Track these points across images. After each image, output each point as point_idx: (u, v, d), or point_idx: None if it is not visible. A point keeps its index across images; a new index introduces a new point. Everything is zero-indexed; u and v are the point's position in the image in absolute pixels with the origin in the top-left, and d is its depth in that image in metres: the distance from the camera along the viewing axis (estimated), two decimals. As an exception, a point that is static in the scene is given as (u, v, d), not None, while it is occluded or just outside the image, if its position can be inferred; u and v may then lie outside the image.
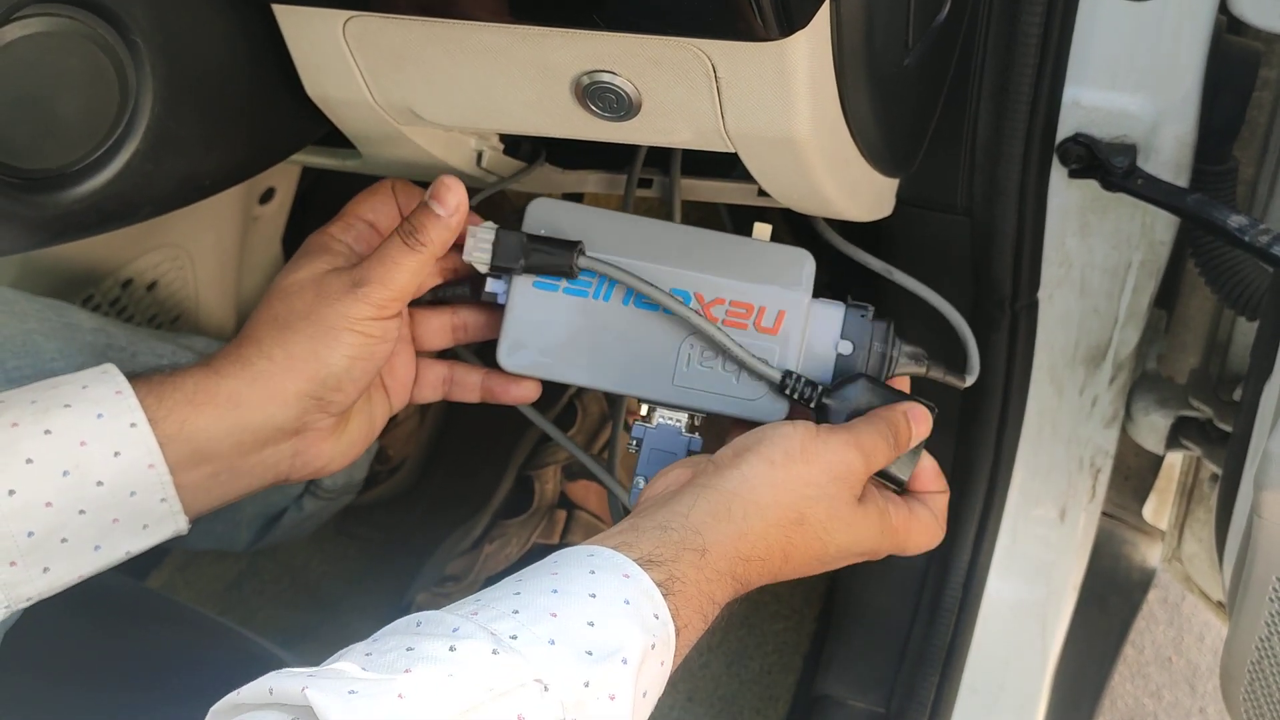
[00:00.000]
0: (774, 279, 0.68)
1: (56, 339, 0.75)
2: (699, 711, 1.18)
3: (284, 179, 1.11)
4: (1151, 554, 1.27)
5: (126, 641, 0.78)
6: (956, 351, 0.77)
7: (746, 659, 1.21)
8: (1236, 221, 0.71)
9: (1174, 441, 1.00)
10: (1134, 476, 1.19)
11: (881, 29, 0.59)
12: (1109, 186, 0.78)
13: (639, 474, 0.69)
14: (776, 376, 0.67)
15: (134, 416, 0.58)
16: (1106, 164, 0.77)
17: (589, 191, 0.82)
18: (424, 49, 0.58)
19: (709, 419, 0.70)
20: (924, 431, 0.67)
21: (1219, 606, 1.12)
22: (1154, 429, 0.99)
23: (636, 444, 0.69)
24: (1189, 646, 1.39)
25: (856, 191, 0.70)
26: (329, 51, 0.59)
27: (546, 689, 0.45)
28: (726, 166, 0.76)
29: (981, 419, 0.99)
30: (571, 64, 0.56)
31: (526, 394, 0.72)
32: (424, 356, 0.73)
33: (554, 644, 0.47)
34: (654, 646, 0.51)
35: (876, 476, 0.67)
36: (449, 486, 1.29)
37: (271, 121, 0.65)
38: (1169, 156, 0.78)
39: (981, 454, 1.01)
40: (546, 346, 0.68)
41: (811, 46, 0.54)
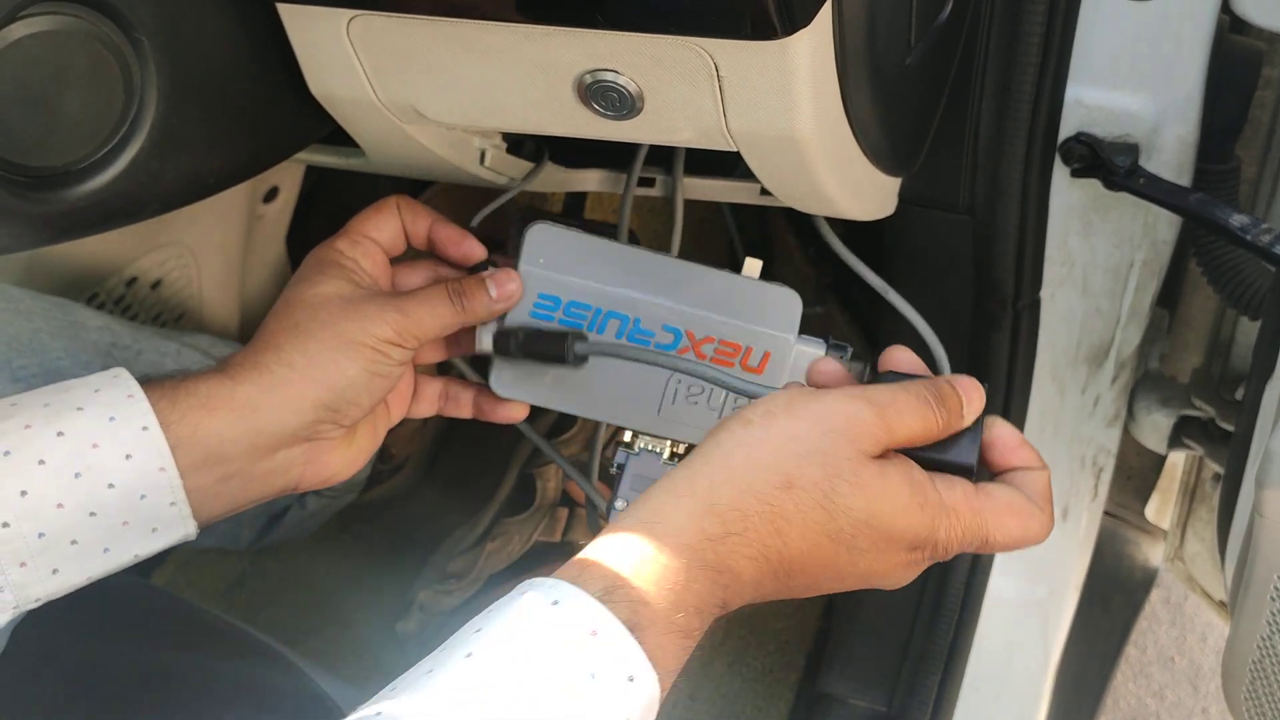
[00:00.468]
0: (763, 320, 0.71)
1: (62, 337, 0.75)
2: (701, 710, 1.18)
3: (288, 178, 1.11)
4: (1154, 553, 1.27)
5: (132, 639, 0.78)
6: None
7: (749, 657, 1.21)
8: (1239, 221, 0.71)
9: (1176, 441, 1.00)
10: (1136, 476, 1.19)
11: (884, 28, 0.59)
12: (1111, 186, 0.78)
13: (620, 496, 0.71)
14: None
15: (146, 420, 0.58)
16: (1109, 163, 0.77)
17: (592, 190, 0.82)
18: (428, 48, 0.58)
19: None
20: (977, 403, 0.55)
21: (1221, 606, 1.11)
22: (1156, 428, 0.99)
23: (619, 468, 0.72)
24: (1191, 646, 1.39)
25: (858, 190, 0.70)
26: (333, 50, 0.60)
27: None
28: (729, 165, 0.77)
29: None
30: (574, 63, 0.57)
31: (515, 414, 0.74)
32: (422, 372, 0.74)
33: None
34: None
35: (934, 462, 0.54)
36: (451, 485, 1.29)
37: (276, 120, 0.65)
38: (1171, 156, 0.78)
39: (984, 453, 1.01)
40: (541, 376, 0.71)
41: (814, 45, 0.54)
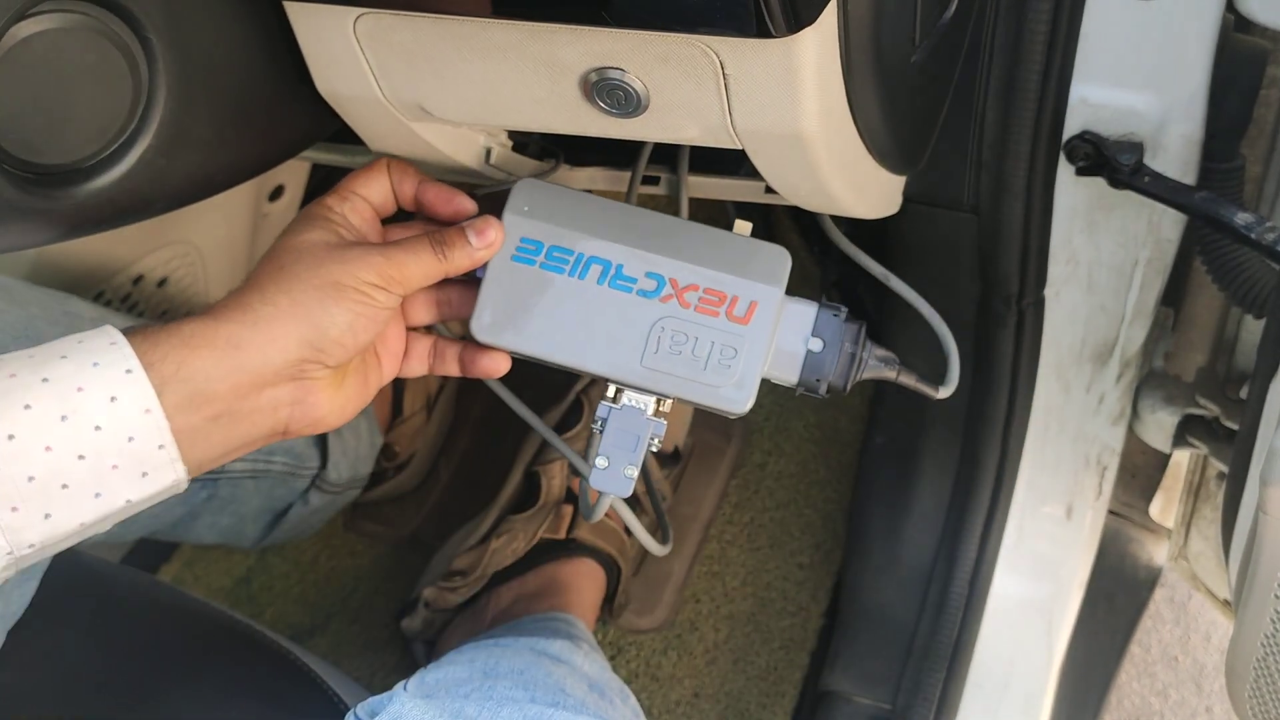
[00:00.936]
0: (750, 272, 0.69)
1: (58, 325, 0.75)
2: (705, 708, 1.18)
3: (293, 176, 1.11)
4: (1158, 552, 1.27)
5: (138, 635, 0.78)
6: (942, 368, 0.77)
7: (753, 655, 1.21)
8: (1243, 219, 0.71)
9: (1180, 439, 1.00)
10: (1140, 474, 1.19)
11: (889, 26, 0.59)
12: (1116, 184, 0.78)
13: (601, 454, 0.70)
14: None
15: (130, 364, 0.58)
16: (1113, 162, 0.77)
17: (596, 189, 0.83)
18: (434, 46, 0.59)
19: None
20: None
21: (1225, 605, 1.12)
22: (1161, 427, 0.99)
23: (601, 424, 0.70)
24: (1195, 645, 1.39)
25: (863, 189, 0.70)
26: (340, 48, 0.60)
27: None
28: (734, 163, 0.77)
29: (988, 416, 0.99)
30: (580, 61, 0.57)
31: (497, 365, 0.73)
32: (412, 331, 0.75)
33: None
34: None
35: None
36: (456, 483, 1.30)
37: (283, 118, 0.65)
38: (1176, 154, 0.78)
39: (988, 451, 1.01)
40: (519, 320, 0.69)
41: (819, 44, 0.54)
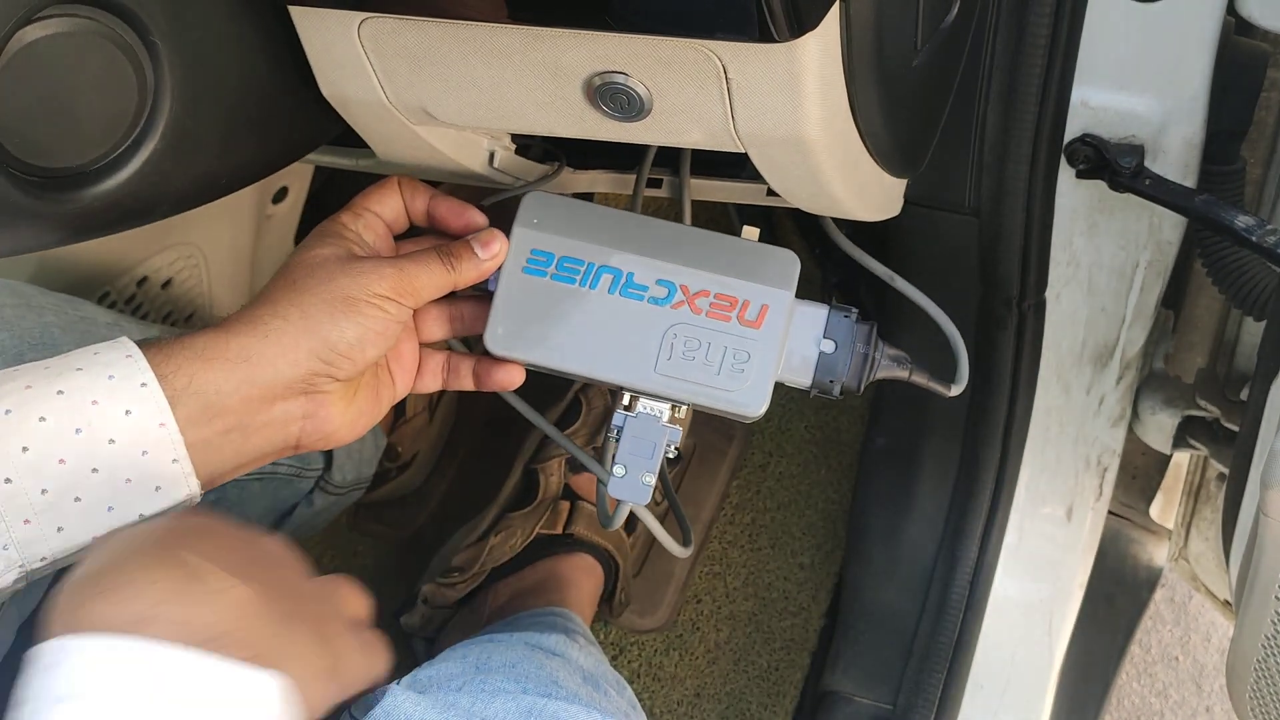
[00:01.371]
0: (760, 276, 0.69)
1: (73, 332, 0.75)
2: (706, 708, 1.19)
3: (297, 178, 1.12)
4: (1158, 553, 1.27)
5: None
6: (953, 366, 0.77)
7: (754, 656, 1.21)
8: (1244, 222, 0.72)
9: (1181, 441, 1.00)
10: (1141, 475, 1.19)
11: (891, 30, 0.59)
12: (1116, 187, 0.78)
13: (618, 462, 0.70)
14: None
15: (144, 377, 0.59)
16: (1114, 164, 0.77)
17: (600, 191, 0.83)
18: (438, 50, 0.59)
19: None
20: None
21: (1225, 605, 1.12)
22: (1161, 428, 1.00)
23: (617, 432, 0.70)
24: (1195, 645, 1.39)
25: (865, 191, 0.70)
26: (344, 52, 0.60)
27: None
28: (736, 166, 0.77)
29: (989, 418, 0.99)
30: (583, 65, 0.57)
31: (511, 378, 0.73)
32: (425, 347, 0.75)
33: None
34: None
35: None
36: (459, 483, 1.30)
37: (287, 121, 0.66)
38: (1177, 157, 0.79)
39: (989, 452, 1.02)
40: (532, 331, 0.69)
41: (821, 48, 0.54)
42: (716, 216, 1.26)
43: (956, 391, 0.75)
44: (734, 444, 1.30)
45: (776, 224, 1.30)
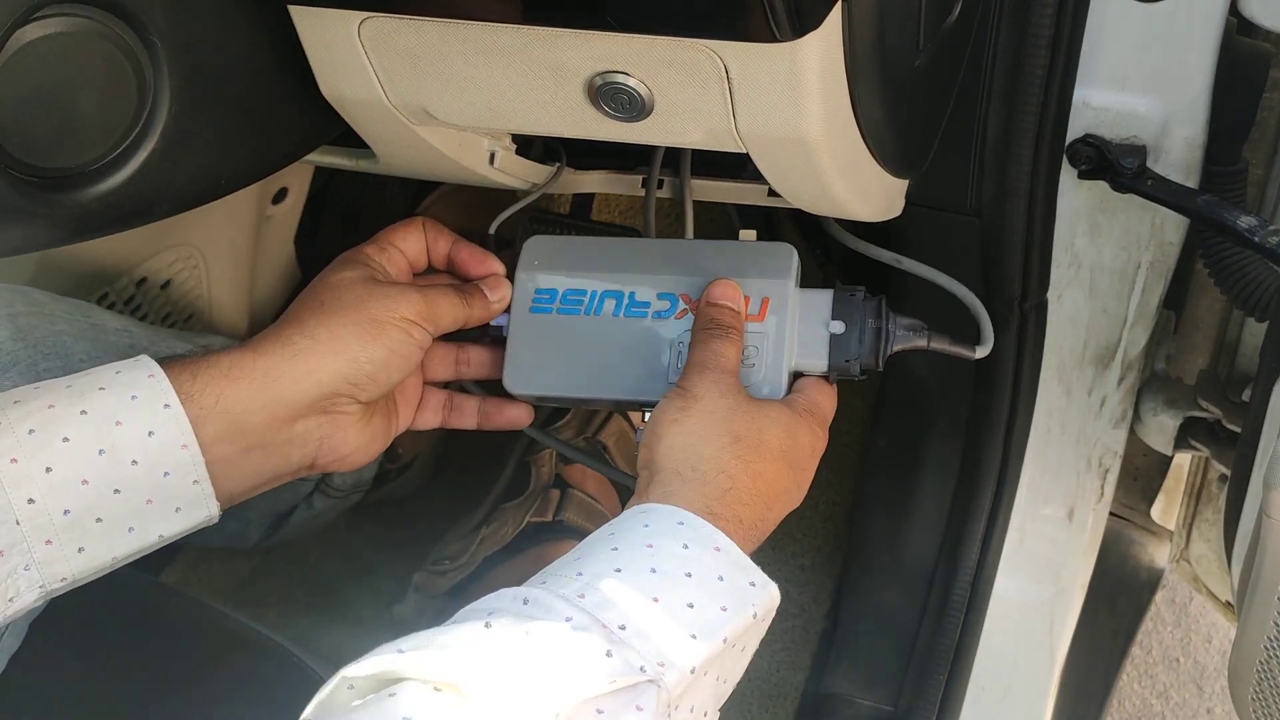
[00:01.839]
0: (757, 271, 0.70)
1: (84, 340, 0.76)
2: (707, 709, 1.18)
3: (297, 179, 1.11)
4: (1159, 554, 1.27)
5: (142, 637, 0.78)
6: (971, 335, 0.77)
7: (755, 656, 1.21)
8: (1246, 222, 0.71)
9: (1182, 442, 1.00)
10: (1142, 477, 1.19)
11: (893, 30, 0.59)
12: (1118, 187, 0.78)
13: None
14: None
15: (168, 398, 0.59)
16: (1116, 165, 0.77)
17: (600, 192, 0.83)
18: (438, 50, 0.59)
19: None
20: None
21: (1227, 607, 1.12)
22: (1162, 429, 0.99)
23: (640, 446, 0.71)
24: (1196, 647, 1.39)
25: (867, 192, 0.70)
26: (344, 52, 0.60)
27: (659, 685, 0.49)
28: (737, 167, 0.77)
29: (990, 418, 0.99)
30: (584, 65, 0.57)
31: (520, 418, 0.76)
32: (428, 385, 0.76)
33: (661, 632, 0.51)
34: (755, 616, 0.56)
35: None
36: (459, 484, 1.30)
37: (287, 121, 0.66)
38: (1179, 158, 0.78)
39: (990, 453, 1.01)
40: (546, 365, 0.72)
41: (823, 48, 0.54)
42: (717, 217, 1.26)
43: (983, 353, 0.75)
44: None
45: (777, 225, 1.30)
